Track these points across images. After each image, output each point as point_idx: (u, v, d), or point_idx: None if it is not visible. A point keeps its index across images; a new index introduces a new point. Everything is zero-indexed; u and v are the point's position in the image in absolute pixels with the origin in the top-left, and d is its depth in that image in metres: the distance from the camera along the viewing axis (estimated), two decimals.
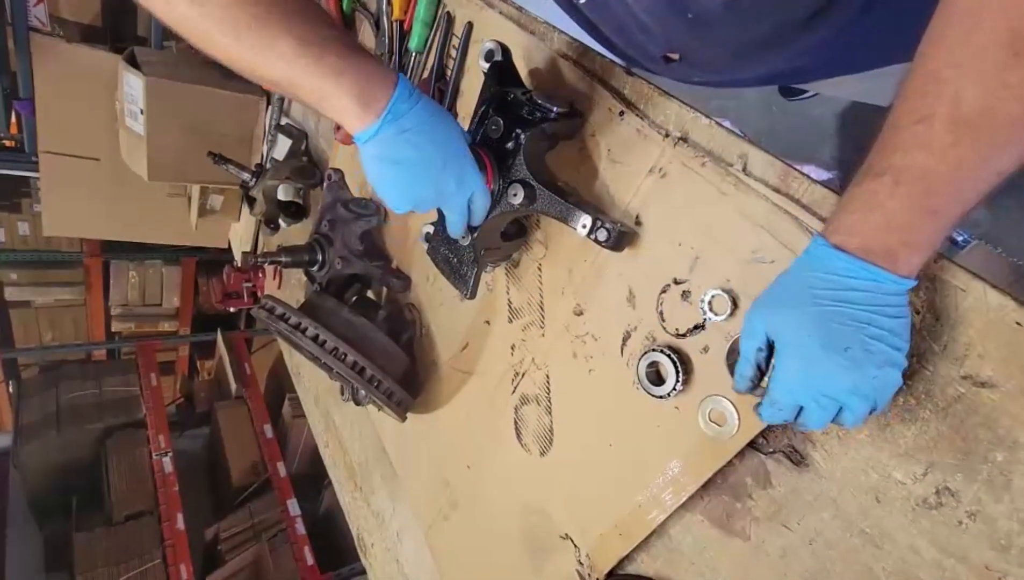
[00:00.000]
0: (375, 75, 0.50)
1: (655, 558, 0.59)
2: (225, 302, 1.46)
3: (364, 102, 0.49)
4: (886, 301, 0.36)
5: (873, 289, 0.36)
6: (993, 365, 0.38)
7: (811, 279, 0.38)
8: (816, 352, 0.37)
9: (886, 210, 0.35)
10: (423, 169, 0.53)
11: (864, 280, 0.36)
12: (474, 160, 0.56)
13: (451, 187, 0.54)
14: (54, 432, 2.56)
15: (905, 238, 0.35)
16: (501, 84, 0.60)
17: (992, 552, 0.38)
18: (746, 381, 0.42)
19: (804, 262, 0.39)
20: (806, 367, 0.38)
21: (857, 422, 0.38)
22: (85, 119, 1.63)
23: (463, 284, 0.66)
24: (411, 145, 0.51)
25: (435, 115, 0.53)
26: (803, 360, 0.38)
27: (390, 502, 1.04)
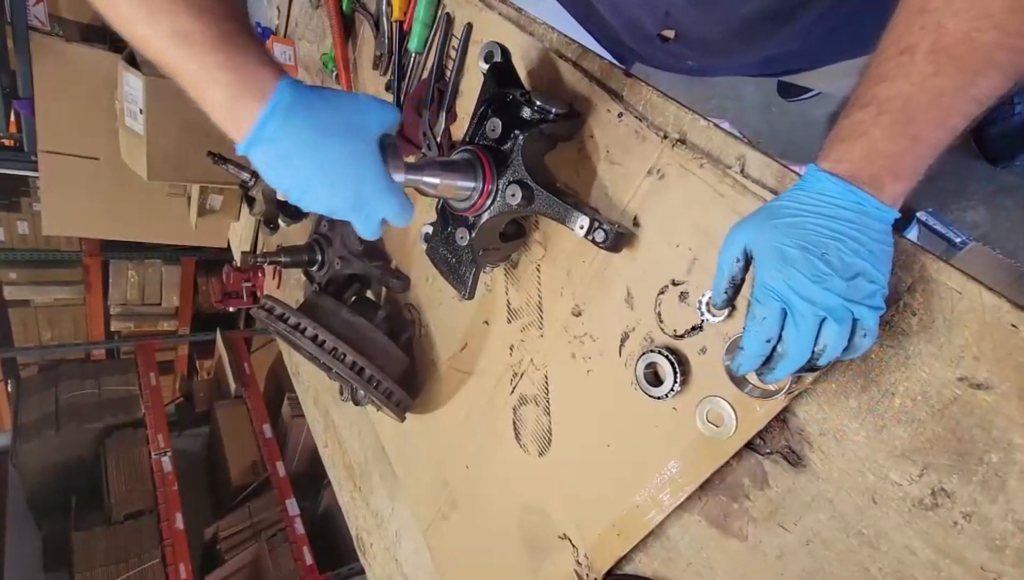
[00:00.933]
0: (250, 82, 0.43)
1: (653, 558, 0.59)
2: (224, 302, 1.46)
3: (233, 116, 0.43)
4: (870, 225, 0.37)
5: (858, 211, 0.37)
6: (988, 367, 0.38)
7: (799, 196, 0.39)
8: (794, 253, 0.37)
9: (871, 138, 0.36)
10: (309, 192, 0.47)
11: (850, 202, 0.37)
12: (382, 176, 0.48)
13: (344, 210, 0.48)
14: (53, 431, 2.56)
15: (889, 165, 0.36)
16: (500, 85, 0.60)
17: (987, 553, 0.38)
18: (721, 294, 0.42)
19: (795, 188, 0.40)
20: (784, 266, 0.37)
21: (842, 338, 0.37)
22: (84, 118, 1.63)
23: (461, 284, 0.66)
24: (291, 169, 0.45)
25: (322, 131, 0.45)
26: (781, 260, 0.37)
27: (389, 502, 1.05)
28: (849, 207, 0.37)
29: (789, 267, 0.37)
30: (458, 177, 0.58)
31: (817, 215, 0.37)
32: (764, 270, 0.39)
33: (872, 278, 0.37)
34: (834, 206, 0.37)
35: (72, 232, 2.22)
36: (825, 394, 0.46)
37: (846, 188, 0.37)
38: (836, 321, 0.37)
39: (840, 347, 0.38)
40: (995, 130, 1.10)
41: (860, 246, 0.37)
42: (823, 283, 0.36)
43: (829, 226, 0.37)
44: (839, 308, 0.37)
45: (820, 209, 0.37)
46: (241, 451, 2.70)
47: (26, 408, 2.64)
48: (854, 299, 0.37)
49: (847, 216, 0.37)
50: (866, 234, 0.37)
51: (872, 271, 0.37)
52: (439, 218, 0.68)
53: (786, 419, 0.48)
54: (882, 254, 0.38)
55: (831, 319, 0.37)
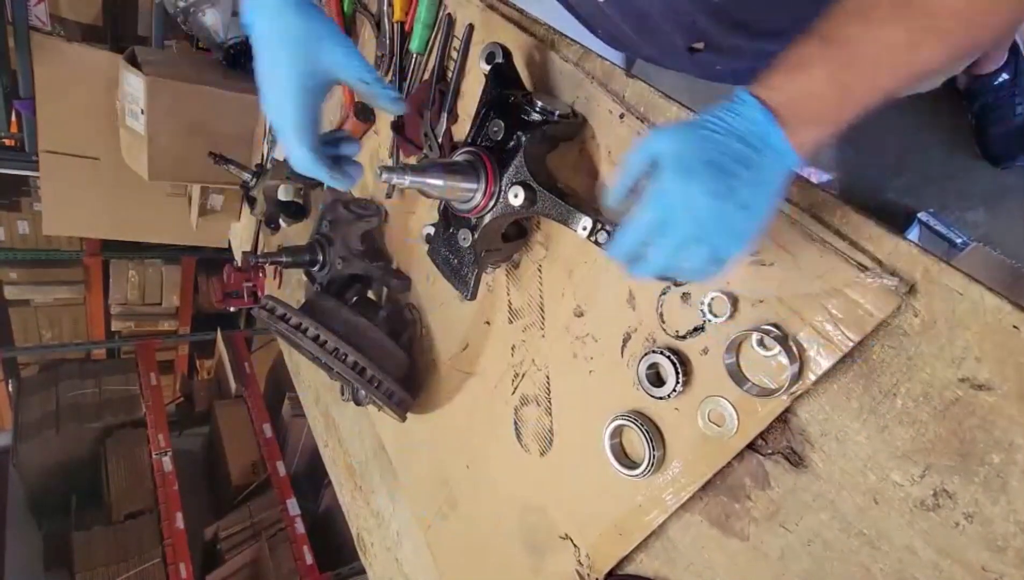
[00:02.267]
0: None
1: (654, 558, 0.59)
2: (225, 302, 1.46)
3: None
4: (774, 165, 0.38)
5: (772, 148, 0.38)
6: (990, 368, 0.38)
7: (725, 117, 0.38)
8: (700, 170, 0.37)
9: (811, 77, 0.37)
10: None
11: (770, 137, 0.37)
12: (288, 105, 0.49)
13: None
14: (54, 431, 2.56)
15: (817, 109, 0.37)
16: (502, 86, 0.61)
17: (989, 553, 0.38)
18: (621, 191, 0.42)
19: (726, 107, 0.39)
20: (686, 179, 0.38)
21: (705, 263, 0.39)
22: (85, 118, 1.63)
23: (463, 285, 0.66)
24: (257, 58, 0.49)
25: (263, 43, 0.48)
26: (686, 172, 0.38)
27: (390, 501, 1.05)
28: (767, 142, 0.37)
29: (691, 182, 0.37)
30: (460, 178, 0.58)
31: (735, 139, 0.37)
32: (666, 177, 0.38)
33: (756, 216, 0.38)
34: (754, 136, 0.37)
35: (72, 232, 2.22)
36: (827, 395, 0.46)
37: (770, 123, 0.37)
38: (708, 246, 0.38)
39: (703, 273, 0.40)
40: (997, 130, 1.10)
41: (761, 183, 0.38)
42: (715, 207, 0.37)
43: (742, 154, 0.37)
44: (717, 234, 0.38)
45: (740, 135, 0.37)
46: (241, 451, 2.70)
47: (26, 408, 2.64)
48: (733, 231, 0.38)
49: (760, 148, 0.37)
50: (770, 172, 0.38)
51: (759, 209, 0.38)
52: (441, 219, 0.68)
53: (788, 419, 0.48)
54: (772, 196, 0.39)
55: (704, 243, 0.38)
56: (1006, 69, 1.09)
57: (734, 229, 0.38)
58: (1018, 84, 1.09)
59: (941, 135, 1.20)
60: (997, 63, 1.09)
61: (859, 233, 0.44)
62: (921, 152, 1.22)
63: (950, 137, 1.19)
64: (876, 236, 0.43)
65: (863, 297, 0.42)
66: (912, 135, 1.23)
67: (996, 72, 1.09)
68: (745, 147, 0.37)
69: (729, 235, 0.38)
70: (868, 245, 0.43)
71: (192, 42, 1.65)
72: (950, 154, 1.19)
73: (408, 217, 0.94)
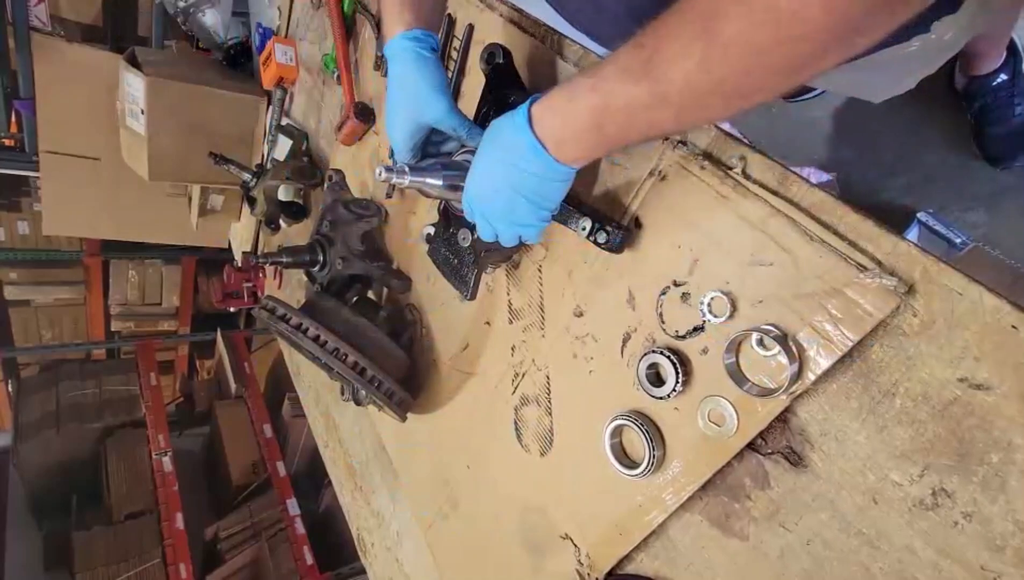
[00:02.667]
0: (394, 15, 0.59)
1: (654, 558, 0.59)
2: (225, 302, 1.47)
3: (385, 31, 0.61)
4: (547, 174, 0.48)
5: (543, 166, 0.48)
6: (989, 368, 0.38)
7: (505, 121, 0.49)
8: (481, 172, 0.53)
9: (576, 109, 0.44)
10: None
11: (537, 157, 0.47)
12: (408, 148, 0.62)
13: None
14: (54, 431, 2.56)
15: (575, 135, 0.45)
16: (502, 86, 0.61)
17: (988, 552, 0.39)
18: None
19: (513, 124, 0.48)
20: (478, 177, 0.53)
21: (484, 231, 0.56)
22: (85, 119, 1.63)
23: (463, 285, 0.66)
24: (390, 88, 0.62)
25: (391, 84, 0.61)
26: (479, 175, 0.53)
27: (390, 502, 1.05)
28: (533, 150, 0.47)
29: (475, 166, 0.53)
30: (460, 178, 0.58)
31: (508, 143, 0.49)
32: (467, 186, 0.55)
33: (527, 198, 0.50)
34: (521, 144, 0.47)
35: (73, 232, 2.22)
36: (826, 394, 0.46)
37: (535, 143, 0.46)
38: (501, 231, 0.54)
39: (509, 242, 0.56)
40: (996, 131, 1.10)
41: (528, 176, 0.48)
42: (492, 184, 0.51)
43: (512, 155, 0.48)
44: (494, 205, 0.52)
45: (511, 142, 0.48)
46: (241, 451, 2.70)
47: (27, 408, 2.65)
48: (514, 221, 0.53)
49: (525, 151, 0.47)
50: (537, 172, 0.48)
51: (530, 194, 0.50)
52: (441, 219, 0.68)
53: (787, 419, 0.48)
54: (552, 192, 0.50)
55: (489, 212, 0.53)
56: (1004, 70, 1.09)
57: (503, 206, 0.51)
58: (1016, 85, 1.09)
59: (940, 135, 1.20)
60: (995, 64, 1.09)
61: (858, 233, 0.44)
62: (921, 152, 1.22)
63: (950, 137, 1.19)
64: (875, 236, 0.43)
65: (862, 297, 0.42)
66: (912, 135, 1.23)
67: (994, 73, 1.09)
68: (513, 151, 0.48)
69: (504, 209, 0.52)
70: (867, 245, 0.43)
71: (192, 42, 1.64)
72: (949, 154, 1.19)
73: (408, 217, 0.94)
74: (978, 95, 1.11)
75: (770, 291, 0.48)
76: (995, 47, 1.07)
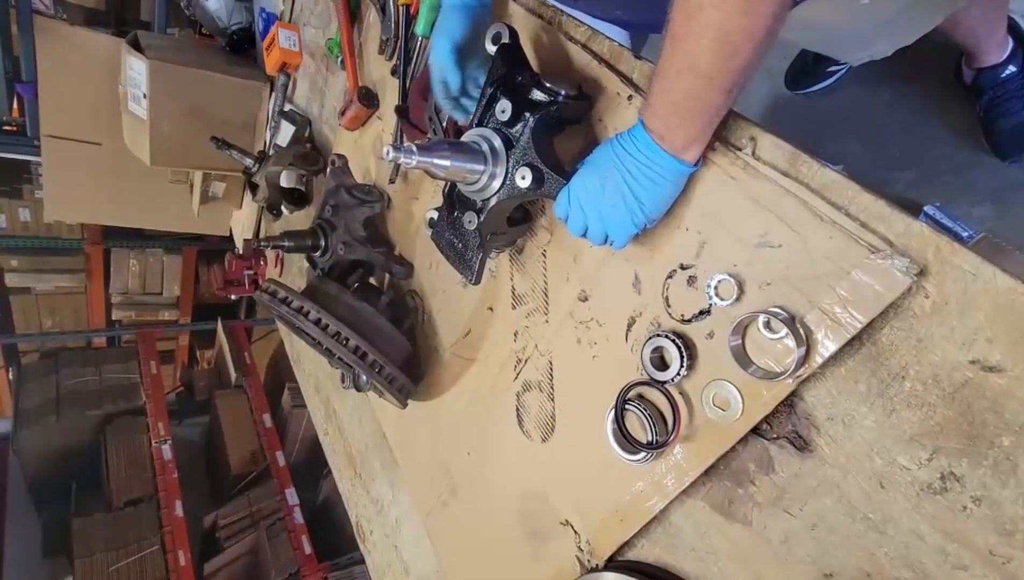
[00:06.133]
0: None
1: (655, 544, 0.59)
2: (226, 289, 1.46)
3: None
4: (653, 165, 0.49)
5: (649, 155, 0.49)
6: (1002, 349, 0.38)
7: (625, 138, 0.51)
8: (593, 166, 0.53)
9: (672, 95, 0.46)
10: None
11: (644, 146, 0.49)
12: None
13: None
14: (54, 418, 2.56)
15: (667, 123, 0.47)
16: (509, 66, 0.60)
17: (997, 537, 0.38)
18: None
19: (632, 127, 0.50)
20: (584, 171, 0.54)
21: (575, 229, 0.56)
22: (88, 103, 1.62)
23: (468, 269, 0.66)
24: None
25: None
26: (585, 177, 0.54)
27: (390, 489, 1.04)
28: (651, 152, 0.49)
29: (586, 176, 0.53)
30: (467, 159, 0.57)
31: (625, 151, 0.50)
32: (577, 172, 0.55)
33: (641, 202, 0.50)
34: (640, 150, 0.49)
35: (74, 218, 2.21)
36: (834, 378, 0.45)
37: (651, 142, 0.48)
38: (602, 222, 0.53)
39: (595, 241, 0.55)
40: (1005, 124, 1.08)
41: (645, 180, 0.49)
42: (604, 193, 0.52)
43: (629, 161, 0.50)
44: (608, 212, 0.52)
45: (630, 150, 0.50)
46: (241, 440, 2.70)
47: (27, 395, 2.65)
48: (619, 213, 0.52)
49: (645, 156, 0.49)
50: (654, 173, 0.49)
51: (644, 198, 0.50)
52: (445, 202, 0.68)
53: (793, 404, 0.48)
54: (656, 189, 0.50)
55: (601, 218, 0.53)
56: (1012, 61, 1.07)
57: (620, 211, 0.51)
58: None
59: (948, 128, 1.18)
60: (1001, 54, 1.06)
61: (869, 214, 0.43)
62: (928, 146, 1.21)
63: (957, 131, 1.17)
64: (887, 216, 0.42)
65: (873, 278, 0.42)
66: (919, 128, 1.22)
67: (1002, 64, 1.07)
68: (632, 157, 0.49)
69: (619, 215, 0.51)
70: (879, 226, 0.43)
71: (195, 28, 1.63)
72: (957, 148, 1.18)
73: (411, 203, 0.93)
74: (986, 88, 1.09)
75: (778, 273, 0.47)
76: (992, 35, 1.04)
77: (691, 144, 0.48)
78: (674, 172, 0.49)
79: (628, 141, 0.50)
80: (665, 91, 0.46)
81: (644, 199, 0.50)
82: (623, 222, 0.52)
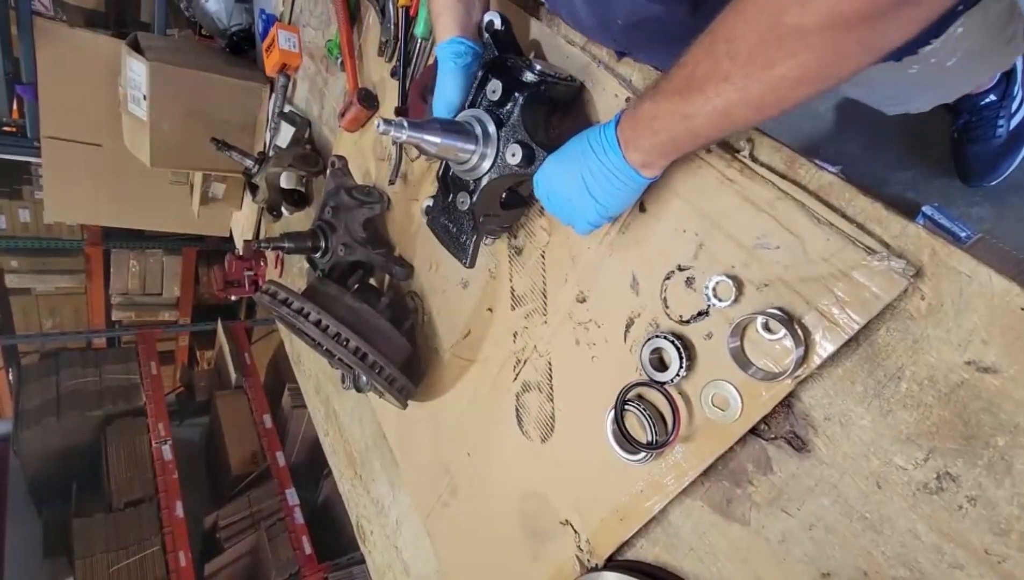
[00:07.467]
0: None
1: (655, 543, 0.59)
2: (226, 290, 1.46)
3: None
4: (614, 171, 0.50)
5: (612, 160, 0.50)
6: (997, 351, 0.38)
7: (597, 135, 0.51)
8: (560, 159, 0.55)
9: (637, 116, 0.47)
10: None
11: (610, 150, 0.50)
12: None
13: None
14: (54, 419, 2.56)
15: (636, 139, 0.48)
16: (501, 51, 0.60)
17: (992, 536, 0.38)
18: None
19: (606, 125, 0.51)
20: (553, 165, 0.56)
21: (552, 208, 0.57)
22: (88, 104, 1.63)
23: (462, 252, 0.66)
24: None
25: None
26: (553, 163, 0.56)
27: (390, 489, 1.05)
28: (614, 159, 0.50)
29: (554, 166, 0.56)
30: (458, 138, 0.58)
31: (591, 150, 0.51)
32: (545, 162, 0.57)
33: (599, 201, 0.52)
34: (605, 152, 0.50)
35: (74, 219, 2.22)
36: (831, 379, 0.46)
37: (617, 147, 0.49)
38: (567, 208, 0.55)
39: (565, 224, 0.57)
40: (975, 149, 1.08)
41: (604, 182, 0.51)
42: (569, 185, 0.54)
43: (594, 160, 0.51)
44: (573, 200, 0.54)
45: (595, 149, 0.51)
46: (241, 441, 2.70)
47: (27, 395, 2.65)
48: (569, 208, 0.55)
49: (608, 161, 0.50)
50: (612, 176, 0.51)
51: (602, 197, 0.52)
52: (440, 187, 0.68)
53: (791, 404, 0.48)
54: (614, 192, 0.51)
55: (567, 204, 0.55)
56: (994, 90, 1.07)
57: (579, 205, 0.54)
58: (1004, 105, 1.08)
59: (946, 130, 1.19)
60: (988, 83, 1.07)
61: (867, 216, 0.43)
62: (926, 147, 1.21)
63: None
64: (883, 218, 0.43)
65: (870, 280, 0.42)
66: (917, 130, 1.22)
67: (984, 92, 1.08)
68: (596, 157, 0.51)
69: (579, 207, 0.54)
70: (875, 228, 0.43)
71: (195, 29, 1.64)
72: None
73: (411, 204, 0.93)
74: (963, 111, 1.10)
75: (776, 275, 0.47)
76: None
77: (653, 165, 0.49)
78: (631, 181, 0.50)
79: (598, 140, 0.51)
80: (651, 116, 0.46)
81: (600, 198, 0.52)
82: (582, 214, 0.54)
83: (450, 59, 0.63)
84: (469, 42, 0.63)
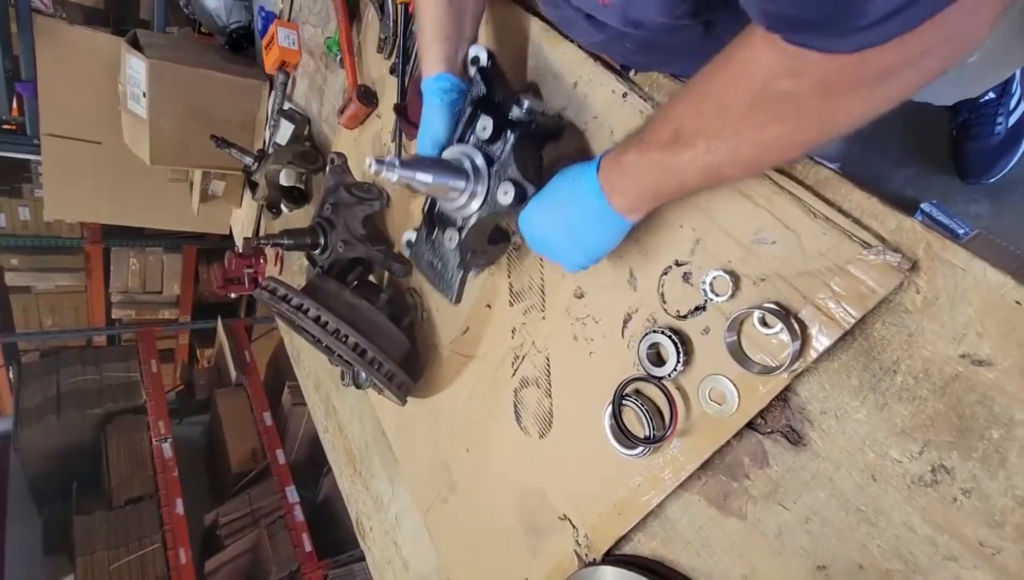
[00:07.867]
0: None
1: (652, 538, 0.59)
2: (226, 288, 1.46)
3: None
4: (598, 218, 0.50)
5: (594, 207, 0.50)
6: (991, 343, 0.38)
7: (578, 179, 0.51)
8: (541, 202, 0.55)
9: (623, 162, 0.47)
10: None
11: (593, 195, 0.50)
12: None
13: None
14: (54, 417, 2.57)
15: (623, 187, 0.48)
16: (488, 87, 0.60)
17: (986, 528, 0.39)
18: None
19: (587, 168, 0.51)
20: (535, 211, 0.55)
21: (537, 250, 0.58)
22: (87, 102, 1.63)
23: (448, 289, 0.65)
24: None
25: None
26: (535, 209, 0.55)
27: (389, 486, 1.05)
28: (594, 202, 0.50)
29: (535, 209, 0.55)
30: (449, 176, 0.57)
31: (571, 193, 0.51)
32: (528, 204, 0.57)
33: (581, 243, 0.53)
34: (586, 196, 0.50)
35: (74, 217, 2.22)
36: (827, 373, 0.46)
37: (599, 192, 0.49)
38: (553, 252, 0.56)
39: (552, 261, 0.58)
40: (973, 146, 1.09)
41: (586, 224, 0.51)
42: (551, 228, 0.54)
43: (574, 203, 0.51)
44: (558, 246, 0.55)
45: (576, 193, 0.51)
46: (241, 438, 2.71)
47: (27, 393, 2.65)
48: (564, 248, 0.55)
49: (588, 204, 0.50)
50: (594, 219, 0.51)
51: (584, 239, 0.52)
52: (425, 221, 0.67)
53: (787, 398, 0.48)
54: (596, 234, 0.52)
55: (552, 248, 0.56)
56: (993, 88, 1.08)
57: (564, 248, 0.54)
58: (1003, 103, 1.08)
59: (946, 127, 1.19)
60: None
61: (863, 210, 0.44)
62: (926, 144, 1.21)
63: None
64: (879, 213, 0.43)
65: (866, 274, 0.42)
66: (917, 126, 1.22)
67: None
68: (579, 205, 0.51)
69: (564, 250, 0.54)
70: (871, 222, 0.43)
71: (195, 27, 1.64)
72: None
73: (410, 201, 0.94)
74: (963, 109, 1.11)
75: (773, 269, 0.48)
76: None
77: (638, 210, 0.49)
78: (616, 225, 0.50)
79: (580, 184, 0.50)
80: (638, 165, 0.46)
81: (586, 244, 0.53)
82: (569, 258, 0.55)
83: (436, 95, 0.62)
84: (455, 79, 0.63)
